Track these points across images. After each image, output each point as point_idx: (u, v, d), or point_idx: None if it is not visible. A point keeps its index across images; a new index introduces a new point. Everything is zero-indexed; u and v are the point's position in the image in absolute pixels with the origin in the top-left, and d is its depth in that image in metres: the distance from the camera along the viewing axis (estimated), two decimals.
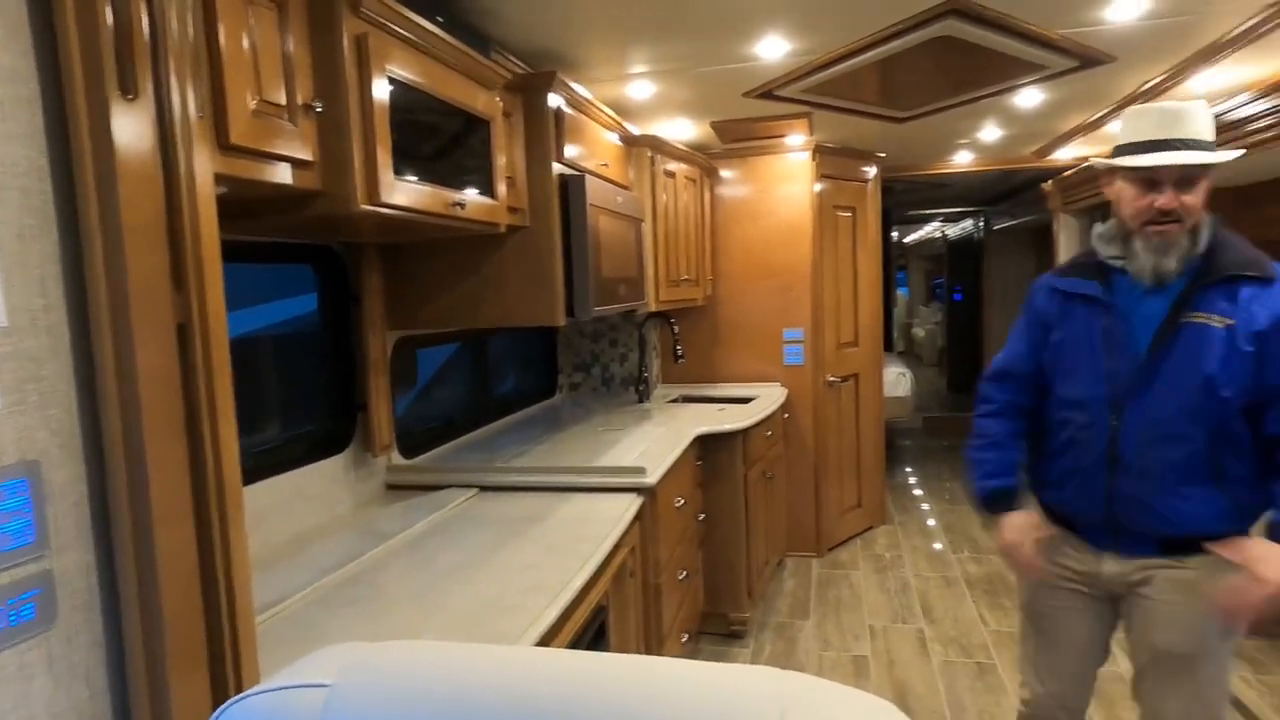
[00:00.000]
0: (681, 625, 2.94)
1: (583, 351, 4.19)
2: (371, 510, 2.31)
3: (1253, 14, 2.52)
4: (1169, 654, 1.70)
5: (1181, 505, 1.63)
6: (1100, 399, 1.68)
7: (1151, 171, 1.59)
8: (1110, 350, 1.68)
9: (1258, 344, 1.57)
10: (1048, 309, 1.83)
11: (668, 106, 3.48)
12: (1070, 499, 1.78)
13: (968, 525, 5.22)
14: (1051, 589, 1.85)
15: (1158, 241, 1.61)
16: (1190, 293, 1.62)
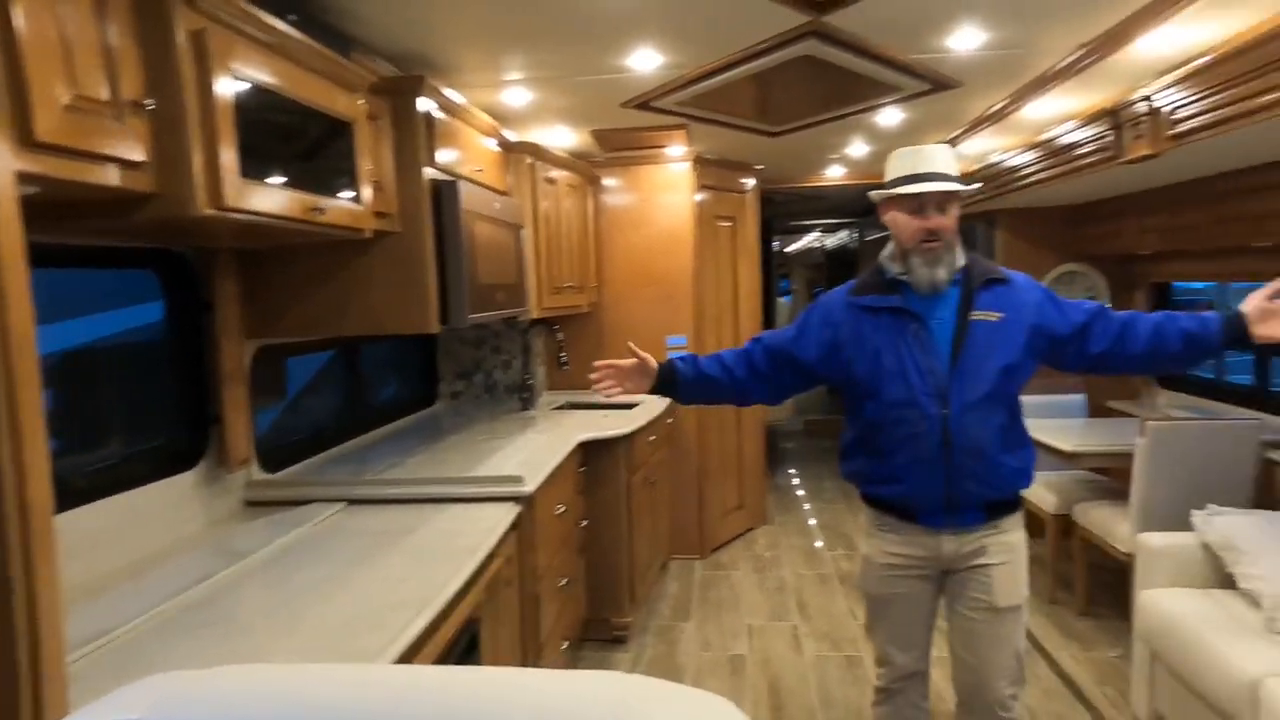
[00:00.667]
0: (562, 633, 2.94)
1: (464, 359, 4.13)
2: (227, 528, 2.20)
3: (1069, 51, 2.78)
4: (1006, 609, 2.01)
5: (1002, 469, 1.96)
6: (928, 394, 1.92)
7: (920, 197, 1.93)
8: (924, 351, 1.94)
9: (1038, 319, 1.96)
10: (844, 321, 2.04)
11: (546, 114, 3.49)
12: (913, 488, 1.98)
13: (843, 523, 5.47)
14: (892, 578, 2.07)
15: (930, 257, 1.95)
16: (966, 299, 1.97)
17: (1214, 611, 2.59)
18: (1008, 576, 2.01)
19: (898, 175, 1.98)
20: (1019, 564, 2.04)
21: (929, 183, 1.92)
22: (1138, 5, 2.36)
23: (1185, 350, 1.92)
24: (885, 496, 2.05)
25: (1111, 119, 3.26)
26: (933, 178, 1.93)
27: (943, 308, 1.97)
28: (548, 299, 3.64)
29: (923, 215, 1.93)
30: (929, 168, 1.95)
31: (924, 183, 1.92)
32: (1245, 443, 3.29)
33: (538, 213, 3.54)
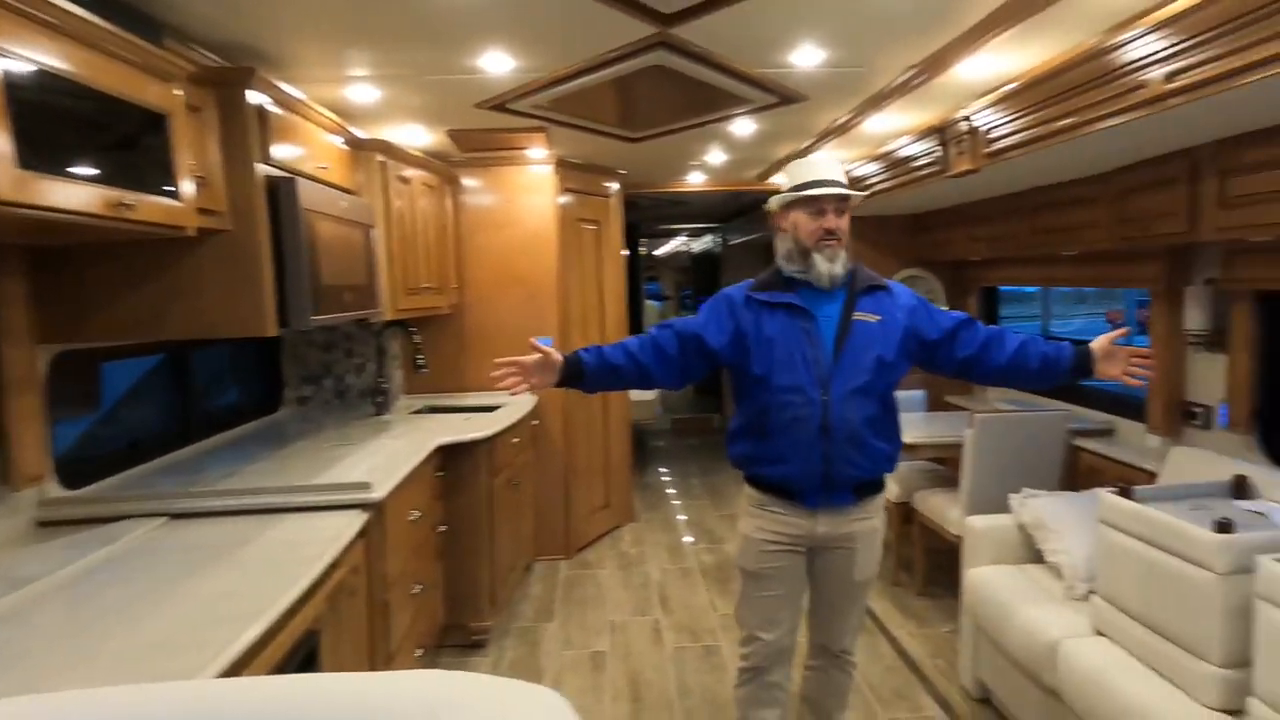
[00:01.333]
0: (416, 640, 2.89)
1: (312, 363, 3.97)
2: (10, 553, 1.99)
3: (900, 72, 2.99)
4: (862, 582, 2.33)
5: (873, 453, 2.20)
6: (812, 382, 2.13)
7: (819, 199, 2.17)
8: (812, 344, 2.15)
9: (911, 322, 2.22)
10: (744, 314, 2.23)
11: (398, 112, 3.41)
12: (794, 468, 2.18)
13: (705, 518, 5.64)
14: (770, 554, 2.27)
15: (830, 253, 2.18)
16: (850, 301, 2.20)
17: (1024, 583, 2.86)
18: (868, 556, 2.31)
19: (799, 182, 2.20)
20: (877, 544, 2.34)
21: (829, 188, 2.17)
22: (956, 33, 2.56)
23: (1040, 370, 2.20)
24: (769, 476, 2.25)
25: (939, 136, 3.53)
26: (831, 184, 2.17)
27: (830, 307, 2.20)
28: (403, 300, 3.56)
29: (823, 217, 2.16)
30: (826, 175, 2.19)
31: (825, 188, 2.17)
32: (1055, 431, 3.64)
33: (390, 212, 3.46)
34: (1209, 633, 2.01)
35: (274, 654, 1.65)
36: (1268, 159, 2.41)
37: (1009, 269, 4.82)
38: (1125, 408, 3.77)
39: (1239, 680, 1.96)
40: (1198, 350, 3.13)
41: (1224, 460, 2.78)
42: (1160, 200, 2.90)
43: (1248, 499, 2.43)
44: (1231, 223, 2.59)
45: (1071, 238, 3.60)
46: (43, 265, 2.16)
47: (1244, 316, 2.87)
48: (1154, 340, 3.31)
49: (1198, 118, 2.29)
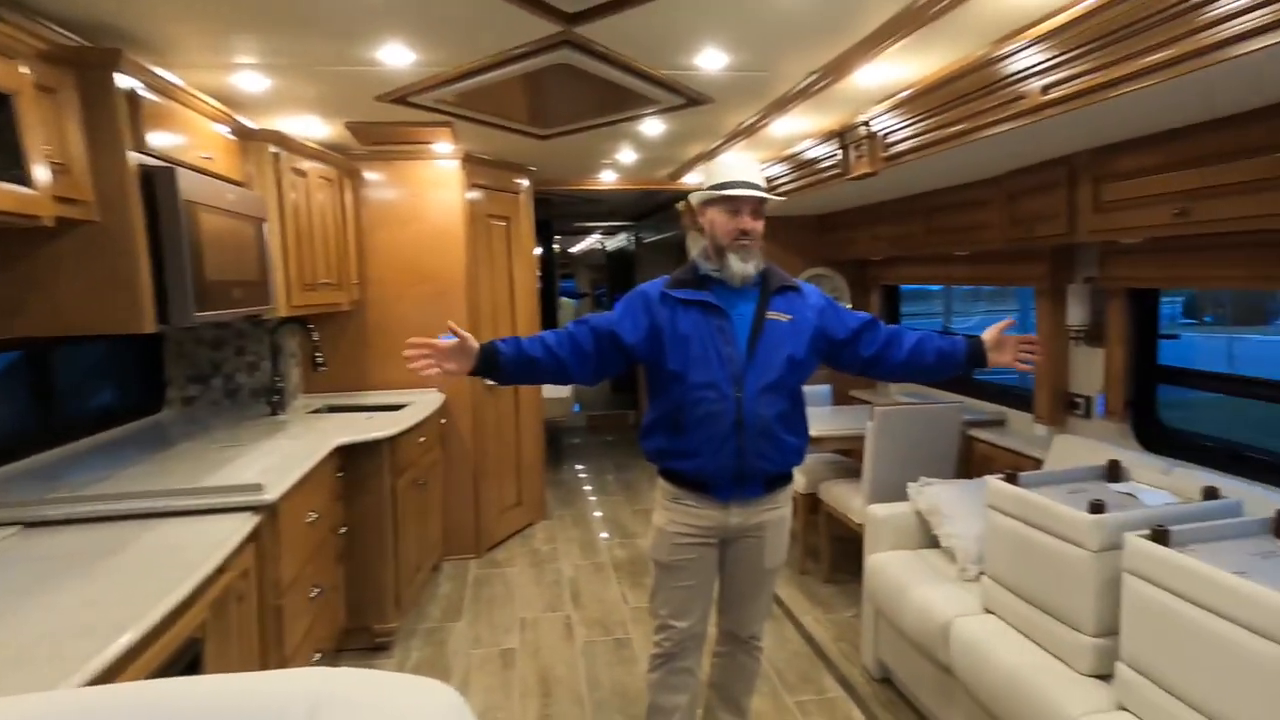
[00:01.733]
0: (314, 645, 2.80)
1: (200, 361, 3.78)
2: None
3: (803, 77, 3.06)
4: (770, 570, 2.41)
5: (782, 448, 2.26)
6: (727, 378, 2.18)
7: (739, 201, 2.22)
8: (726, 341, 2.20)
9: (820, 321, 2.30)
10: (660, 310, 2.26)
11: (292, 103, 3.26)
12: (709, 462, 2.22)
13: (620, 514, 5.65)
14: (684, 546, 2.32)
15: (744, 254, 2.23)
16: (763, 300, 2.27)
17: (921, 567, 2.98)
18: (776, 545, 2.40)
19: (717, 182, 2.24)
20: (785, 533, 2.43)
21: (747, 189, 2.21)
22: (854, 41, 2.63)
23: (937, 363, 2.32)
24: (683, 470, 2.28)
25: (840, 139, 3.63)
26: (748, 186, 2.22)
27: (744, 305, 2.25)
28: (299, 296, 3.43)
29: (739, 217, 2.21)
30: (744, 177, 2.23)
31: (743, 189, 2.21)
32: (951, 422, 3.81)
33: (284, 205, 3.32)
34: (1083, 605, 2.15)
35: (148, 664, 1.57)
36: (1136, 167, 2.57)
37: (908, 268, 5.01)
38: (1015, 399, 3.97)
39: (1109, 647, 2.11)
40: (1079, 344, 3.33)
41: (1102, 446, 2.95)
42: (1043, 204, 3.07)
43: (1120, 482, 2.59)
44: (1104, 226, 2.76)
45: (965, 238, 3.76)
46: None
47: (1118, 313, 3.08)
48: (1040, 335, 3.50)
49: (1073, 127, 2.43)
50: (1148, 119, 2.34)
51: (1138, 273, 2.93)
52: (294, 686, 0.79)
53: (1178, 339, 3.41)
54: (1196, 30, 1.72)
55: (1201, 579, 1.78)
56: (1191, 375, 3.14)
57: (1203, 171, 2.31)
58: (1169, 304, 5.21)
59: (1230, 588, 1.72)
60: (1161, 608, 1.88)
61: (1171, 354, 3.17)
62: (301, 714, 0.73)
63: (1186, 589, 1.82)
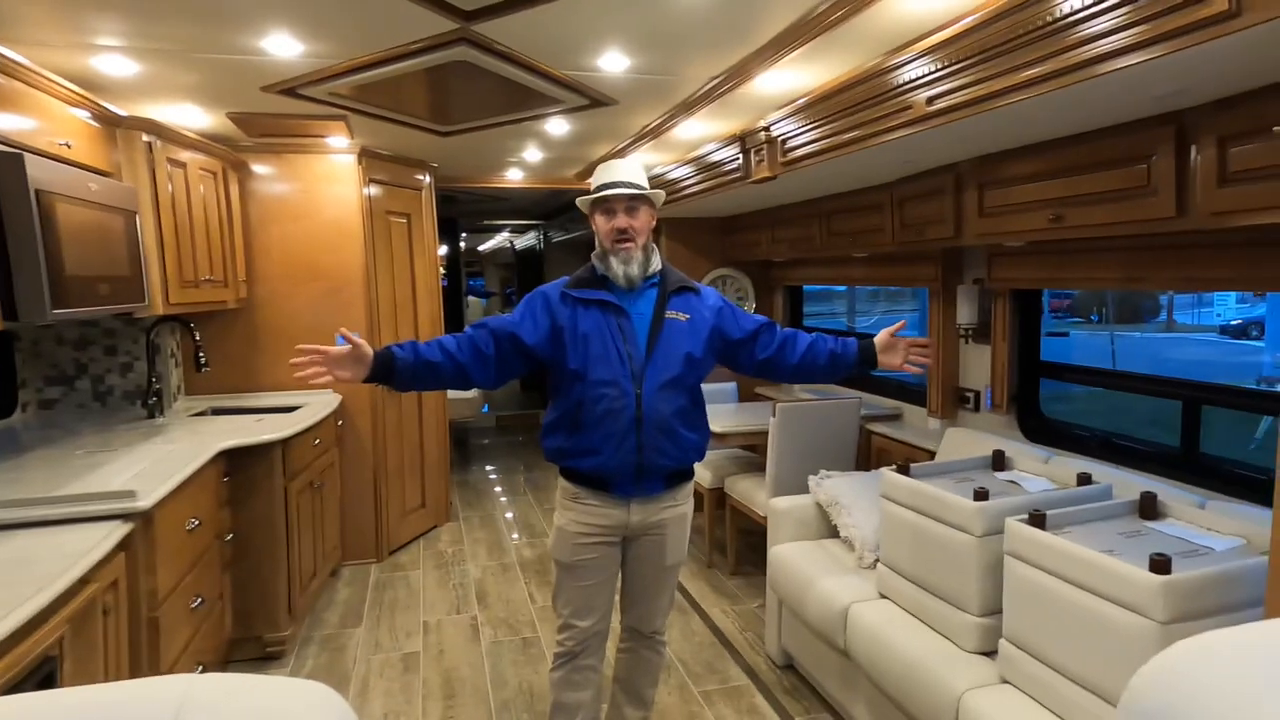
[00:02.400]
0: (195, 657, 2.64)
1: (61, 361, 3.50)
2: None
3: (705, 81, 3.10)
4: (671, 566, 2.42)
5: (682, 444, 2.28)
6: (626, 376, 2.20)
7: (608, 201, 2.25)
8: (625, 340, 2.22)
9: (717, 322, 2.33)
10: (561, 310, 2.27)
11: (167, 90, 3.06)
12: (609, 459, 2.22)
13: (528, 513, 5.60)
14: (585, 545, 2.32)
15: (624, 255, 2.25)
16: (661, 300, 2.30)
17: (820, 556, 3.07)
18: (677, 542, 2.42)
19: (595, 185, 2.28)
20: (685, 530, 2.45)
21: (615, 189, 2.24)
22: (753, 47, 2.68)
23: (829, 365, 2.37)
24: (583, 468, 2.28)
25: (740, 143, 3.70)
26: (621, 185, 2.24)
27: (643, 305, 2.28)
28: (177, 294, 3.23)
29: (613, 217, 2.24)
30: (619, 178, 2.25)
31: (611, 189, 2.24)
32: (850, 417, 3.93)
33: (160, 197, 3.12)
34: (969, 587, 2.26)
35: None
36: (1016, 175, 2.73)
37: (809, 269, 5.16)
38: (910, 394, 4.15)
39: (993, 626, 2.23)
40: (968, 342, 3.51)
41: (988, 438, 3.11)
42: (932, 209, 3.22)
43: (1004, 471, 2.74)
44: (989, 230, 2.91)
45: (861, 240, 3.90)
46: None
47: (1003, 311, 3.26)
48: (931, 333, 3.67)
49: (956, 137, 2.55)
50: (1025, 130, 2.48)
51: (1021, 274, 3.11)
52: (158, 693, 0.75)
53: (1067, 336, 3.64)
54: (1067, 49, 1.84)
55: (1073, 558, 1.90)
56: (1069, 370, 3.36)
57: (1073, 180, 2.47)
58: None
59: (1098, 565, 1.84)
60: (1038, 586, 2.00)
61: (1060, 350, 3.38)
62: (169, 718, 0.69)
63: (1060, 568, 1.94)
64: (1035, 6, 1.86)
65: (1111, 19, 1.71)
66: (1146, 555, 1.81)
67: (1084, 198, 2.43)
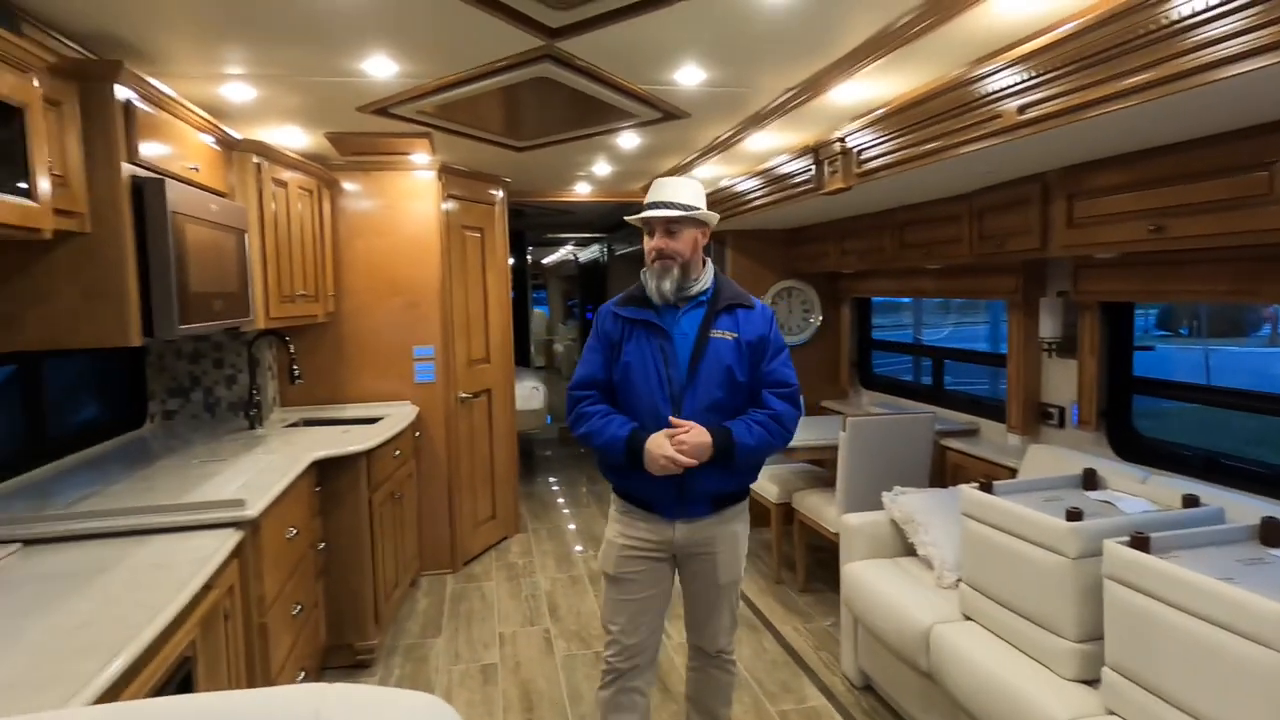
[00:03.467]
0: (297, 663, 2.75)
1: (179, 374, 3.71)
2: None
3: (779, 93, 3.13)
4: (727, 584, 2.37)
5: (730, 467, 2.21)
6: (665, 399, 2.19)
7: (646, 222, 2.26)
8: (667, 362, 2.21)
9: (759, 345, 2.27)
10: (613, 331, 2.29)
11: (275, 113, 3.24)
12: (652, 482, 2.20)
13: (593, 525, 5.65)
14: (631, 559, 2.31)
15: (659, 270, 2.24)
16: (709, 317, 2.26)
17: (897, 575, 3.03)
18: (730, 560, 2.36)
19: (646, 202, 2.27)
20: (740, 548, 2.39)
21: (657, 210, 2.23)
22: (830, 60, 2.70)
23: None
24: (630, 491, 2.31)
25: (814, 155, 3.70)
26: (665, 206, 2.22)
27: (688, 324, 2.25)
28: (276, 308, 3.38)
29: (652, 238, 2.24)
30: (664, 197, 2.24)
31: (653, 210, 2.23)
32: (924, 432, 3.88)
33: (264, 216, 3.28)
34: (1064, 612, 2.21)
35: (144, 685, 1.56)
36: (1109, 184, 2.68)
37: (878, 280, 5.12)
38: (987, 410, 4.08)
39: (1093, 653, 2.17)
40: (1050, 356, 3.44)
41: (1076, 455, 3.03)
42: (1015, 220, 3.17)
43: (1097, 490, 2.67)
44: (1078, 241, 2.85)
45: (935, 252, 3.86)
46: None
47: (1092, 325, 3.18)
48: (1011, 346, 3.60)
49: (1047, 146, 2.52)
50: (1124, 138, 2.43)
51: (1112, 286, 3.03)
52: (296, 703, 0.79)
53: (1153, 350, 3.54)
54: (1181, 54, 1.78)
55: (1188, 585, 1.82)
56: (1168, 386, 3.24)
57: (1178, 189, 2.41)
58: (1140, 316, 5.40)
59: (1219, 594, 1.75)
60: (1146, 614, 1.92)
61: (1147, 365, 3.28)
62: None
63: (1173, 595, 1.86)
64: (1147, 11, 1.82)
65: (1235, 22, 1.65)
66: (1272, 585, 1.73)
67: (1188, 207, 2.37)
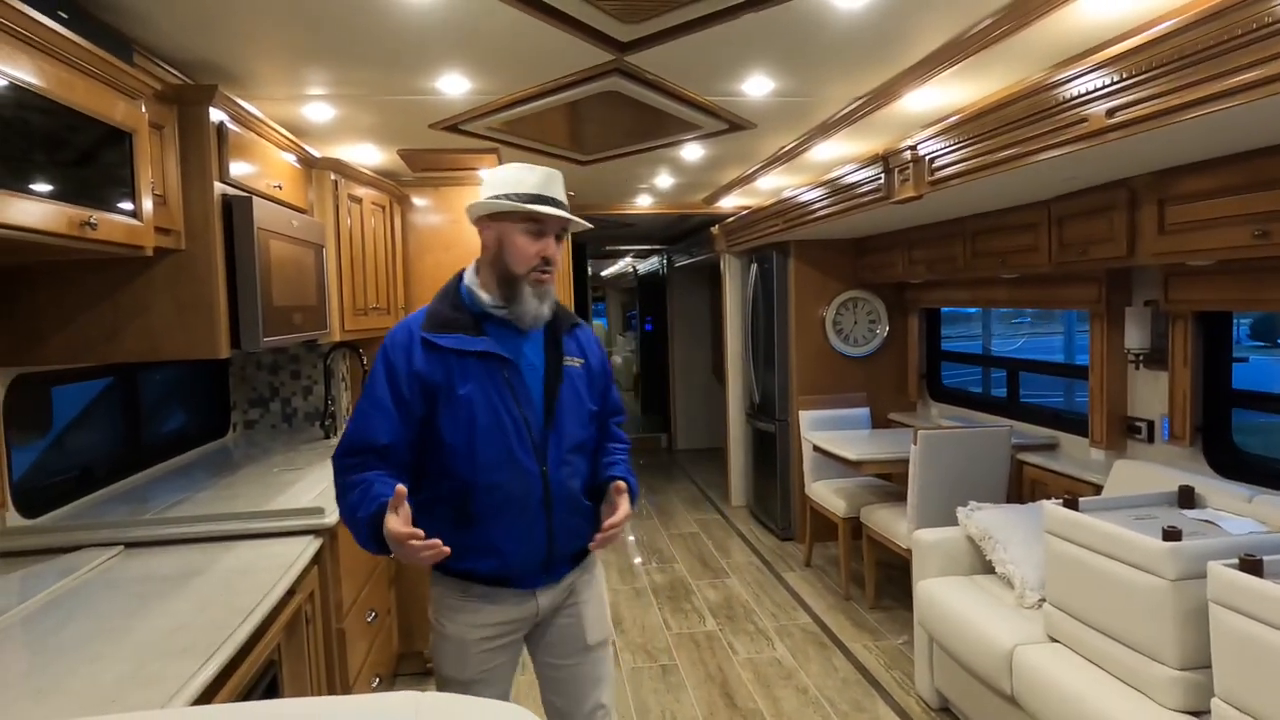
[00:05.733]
0: (372, 669, 2.80)
1: (259, 385, 3.84)
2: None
3: (847, 102, 3.09)
4: (596, 645, 1.88)
5: (589, 516, 1.80)
6: (526, 449, 1.70)
7: (548, 222, 1.70)
8: (518, 401, 1.70)
9: (601, 370, 1.89)
10: (429, 370, 1.68)
11: (351, 131, 3.35)
12: (512, 555, 1.72)
13: (655, 537, 5.63)
14: (491, 651, 1.78)
15: (541, 289, 1.72)
16: (552, 343, 1.79)
17: (976, 594, 2.94)
18: (596, 612, 1.89)
19: (521, 191, 1.69)
20: (604, 598, 1.94)
21: (551, 209, 1.70)
22: (902, 67, 2.67)
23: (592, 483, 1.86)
24: (480, 571, 1.74)
25: (884, 163, 3.63)
26: (556, 202, 1.73)
27: (531, 351, 1.76)
28: (351, 321, 3.47)
29: (543, 240, 1.70)
30: (555, 194, 1.74)
31: (548, 208, 1.70)
32: (999, 446, 3.76)
33: (340, 231, 3.37)
34: (1163, 637, 2.09)
35: (236, 686, 1.61)
36: (1206, 189, 2.55)
37: (948, 290, 4.99)
38: (1067, 423, 3.93)
39: (1198, 682, 2.05)
40: (1138, 368, 3.29)
41: (1168, 471, 2.89)
42: (1098, 227, 3.05)
43: (1195, 509, 2.53)
44: (1171, 248, 2.72)
45: (1011, 261, 3.75)
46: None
47: (1184, 335, 3.03)
48: (1093, 358, 3.46)
49: (1136, 150, 2.42)
50: (1225, 139, 2.31)
51: (1208, 295, 2.86)
52: (392, 710, 0.80)
53: (1247, 361, 3.35)
54: None
55: None
56: (1276, 399, 3.04)
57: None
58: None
59: None
60: (1263, 642, 1.79)
61: (1243, 377, 3.10)
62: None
63: None
64: (1253, 6, 1.72)
65: None
66: None
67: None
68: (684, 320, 9.19)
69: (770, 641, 3.86)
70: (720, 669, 3.58)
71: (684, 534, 5.76)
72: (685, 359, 9.07)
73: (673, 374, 9.08)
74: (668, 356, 9.20)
